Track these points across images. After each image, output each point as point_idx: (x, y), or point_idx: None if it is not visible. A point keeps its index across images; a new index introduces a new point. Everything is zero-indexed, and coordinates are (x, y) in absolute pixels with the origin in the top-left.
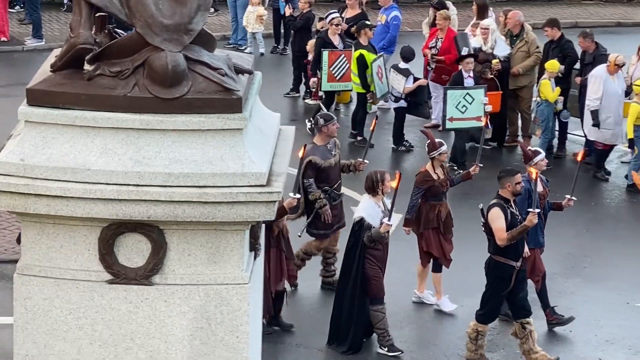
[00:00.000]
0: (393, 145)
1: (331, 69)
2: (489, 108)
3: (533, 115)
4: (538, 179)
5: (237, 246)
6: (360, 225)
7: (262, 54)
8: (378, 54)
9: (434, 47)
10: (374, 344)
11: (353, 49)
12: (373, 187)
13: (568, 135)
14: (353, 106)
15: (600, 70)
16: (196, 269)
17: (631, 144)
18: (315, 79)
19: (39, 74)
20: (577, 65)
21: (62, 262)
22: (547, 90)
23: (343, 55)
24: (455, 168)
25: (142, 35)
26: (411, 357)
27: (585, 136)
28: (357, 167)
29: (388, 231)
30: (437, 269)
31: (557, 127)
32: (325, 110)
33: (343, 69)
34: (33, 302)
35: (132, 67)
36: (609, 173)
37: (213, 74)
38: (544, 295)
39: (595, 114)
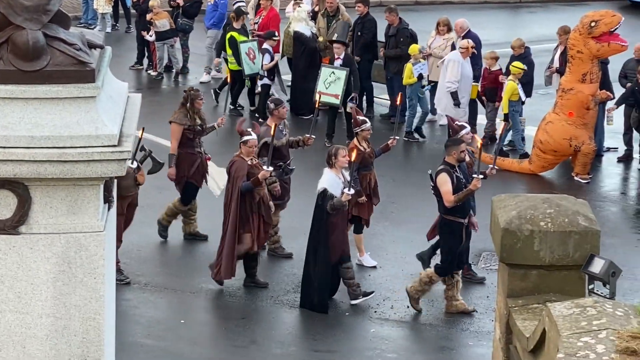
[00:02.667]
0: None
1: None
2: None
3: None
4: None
5: (93, 199)
6: (324, 196)
7: (109, 32)
8: (251, 38)
9: (256, 23)
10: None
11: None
12: (329, 160)
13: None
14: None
15: (456, 55)
16: (57, 220)
17: (506, 117)
18: (218, 59)
19: None
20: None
21: None
22: (409, 73)
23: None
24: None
25: (5, 15)
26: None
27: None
28: (306, 142)
29: (349, 200)
30: (358, 230)
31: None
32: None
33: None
34: None
35: None
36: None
37: (69, 48)
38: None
39: (455, 95)
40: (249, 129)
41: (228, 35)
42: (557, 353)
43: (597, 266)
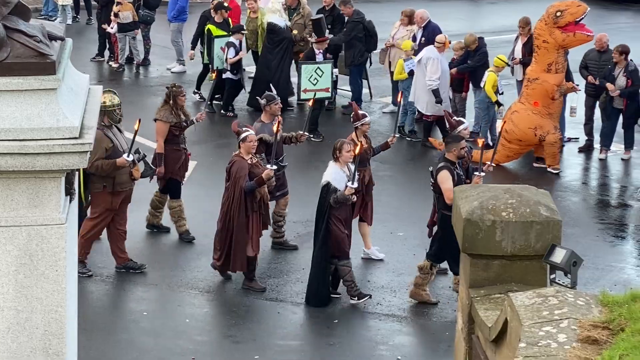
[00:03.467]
0: (222, 111)
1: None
2: None
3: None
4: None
5: (55, 191)
6: (327, 189)
7: (70, 24)
8: (229, 33)
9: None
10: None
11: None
12: (334, 154)
13: (338, 90)
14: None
15: (433, 51)
16: (19, 212)
17: (498, 104)
18: (192, 52)
19: None
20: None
21: None
22: (398, 69)
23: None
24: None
25: None
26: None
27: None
28: (299, 139)
29: (352, 194)
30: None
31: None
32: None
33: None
34: None
35: None
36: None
37: (29, 40)
38: None
39: (437, 92)
40: (244, 127)
41: (206, 28)
42: (519, 342)
43: (559, 256)
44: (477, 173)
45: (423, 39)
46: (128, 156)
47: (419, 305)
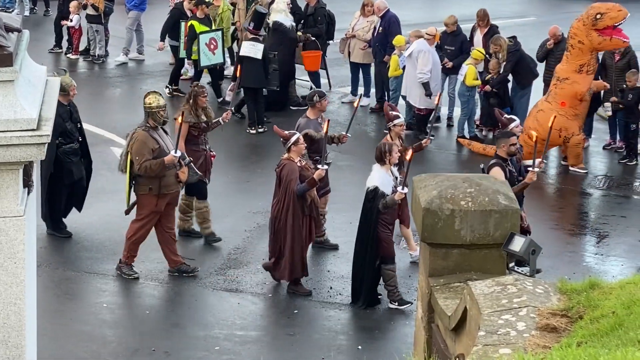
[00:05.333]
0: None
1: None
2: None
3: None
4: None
5: (13, 183)
6: (375, 193)
7: (27, 15)
8: (214, 29)
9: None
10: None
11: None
12: (381, 157)
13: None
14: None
15: (424, 44)
16: None
17: (487, 94)
18: (162, 43)
19: None
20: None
21: None
22: (393, 65)
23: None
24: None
25: None
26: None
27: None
28: (341, 140)
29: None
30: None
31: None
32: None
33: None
34: None
35: None
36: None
37: None
38: None
39: (427, 85)
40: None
41: (188, 23)
42: (478, 331)
43: (518, 244)
44: (530, 169)
45: (381, 28)
46: (175, 152)
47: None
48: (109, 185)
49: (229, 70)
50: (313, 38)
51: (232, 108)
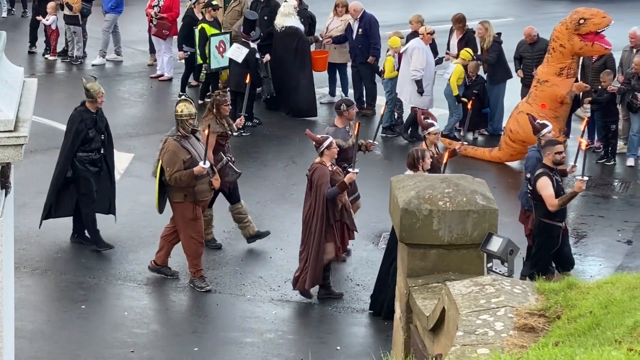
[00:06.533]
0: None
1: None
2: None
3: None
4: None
5: None
6: None
7: (5, 16)
8: (223, 32)
9: (156, 5)
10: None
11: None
12: (414, 163)
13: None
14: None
15: (419, 42)
16: None
17: (458, 99)
18: (182, 53)
19: None
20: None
21: None
22: (389, 66)
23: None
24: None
25: None
26: None
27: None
28: (368, 148)
29: None
30: None
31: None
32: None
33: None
34: None
35: None
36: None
37: None
38: None
39: (419, 83)
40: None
41: (199, 27)
42: (456, 331)
43: (496, 245)
44: (579, 177)
45: (360, 30)
46: (204, 164)
47: (356, 295)
48: None
49: None
50: (321, 39)
51: (245, 113)
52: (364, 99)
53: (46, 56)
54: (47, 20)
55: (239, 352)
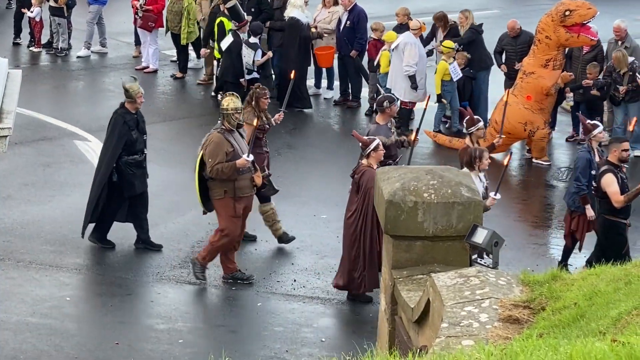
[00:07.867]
0: None
1: None
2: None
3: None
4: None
5: None
6: None
7: None
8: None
9: None
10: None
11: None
12: (471, 162)
13: None
14: None
15: (411, 37)
16: None
17: (439, 98)
18: (205, 50)
19: None
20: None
21: None
22: (385, 62)
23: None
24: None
25: None
26: None
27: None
28: (411, 143)
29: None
30: None
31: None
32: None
33: None
34: None
35: None
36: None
37: None
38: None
39: (413, 78)
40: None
41: (217, 21)
42: (441, 323)
43: (480, 236)
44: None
45: (349, 22)
46: (248, 156)
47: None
48: (71, 179)
49: (193, 64)
50: (326, 34)
51: (285, 110)
52: (349, 90)
53: (31, 48)
54: (31, 12)
55: (224, 344)
